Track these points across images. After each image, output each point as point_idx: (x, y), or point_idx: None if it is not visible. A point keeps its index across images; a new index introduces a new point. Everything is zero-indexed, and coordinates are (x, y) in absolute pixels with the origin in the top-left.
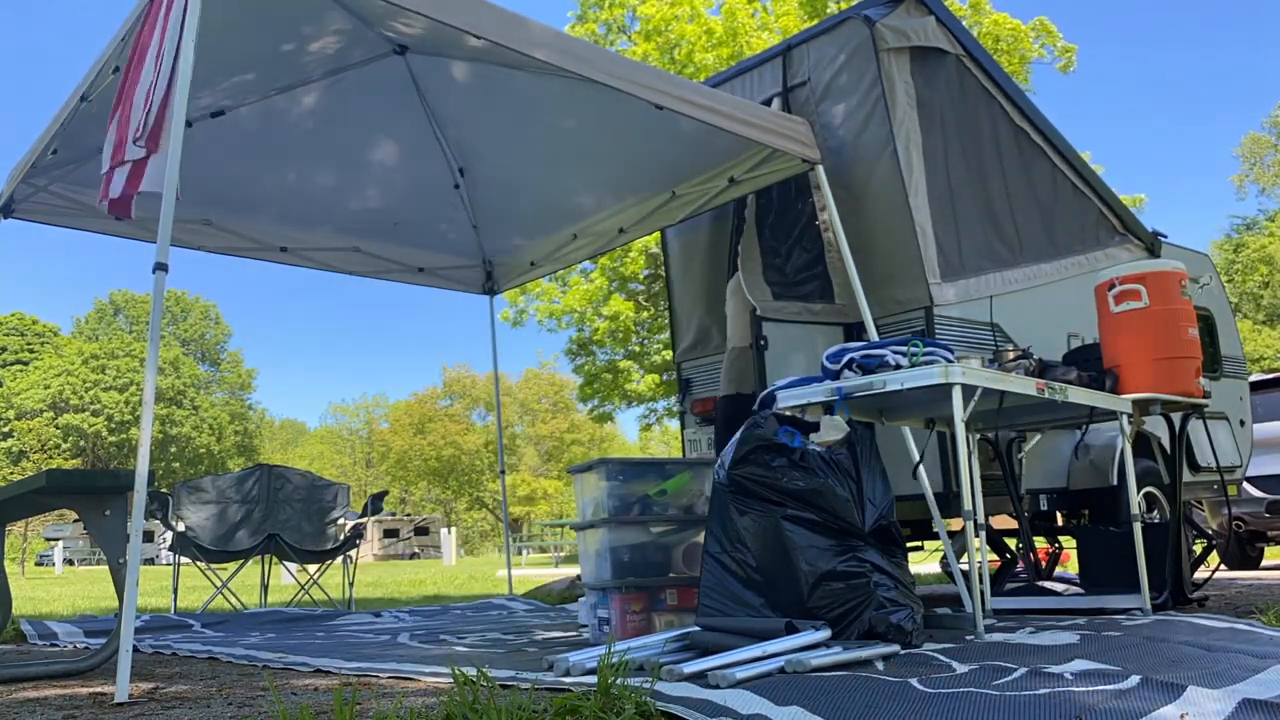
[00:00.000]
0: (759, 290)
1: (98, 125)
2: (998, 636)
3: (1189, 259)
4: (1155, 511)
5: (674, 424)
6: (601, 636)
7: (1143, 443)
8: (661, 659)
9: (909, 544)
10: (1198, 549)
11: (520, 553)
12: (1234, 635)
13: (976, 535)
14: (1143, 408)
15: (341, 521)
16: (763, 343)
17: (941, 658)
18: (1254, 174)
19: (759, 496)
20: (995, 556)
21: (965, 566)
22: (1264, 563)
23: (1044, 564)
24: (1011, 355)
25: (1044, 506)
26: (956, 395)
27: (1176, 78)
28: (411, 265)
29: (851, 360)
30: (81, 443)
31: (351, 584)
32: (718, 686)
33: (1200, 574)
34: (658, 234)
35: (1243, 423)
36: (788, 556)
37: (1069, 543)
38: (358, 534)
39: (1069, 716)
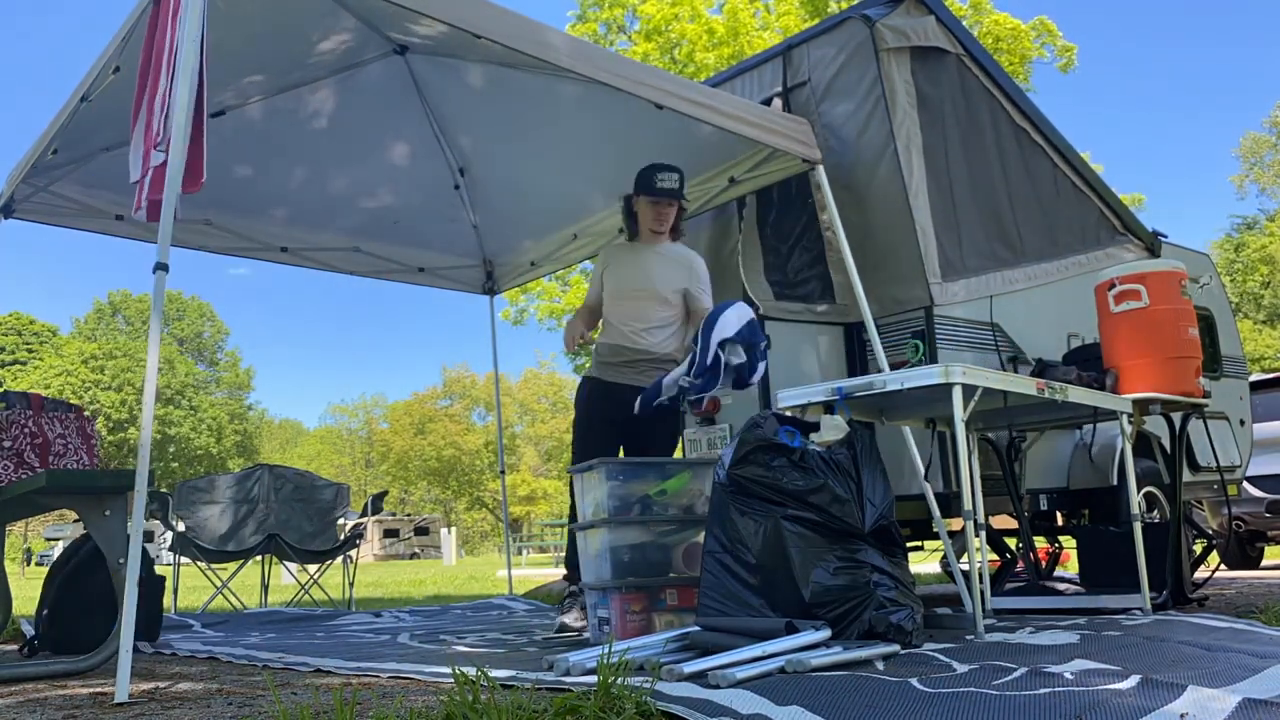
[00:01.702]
0: (761, 289)
1: (98, 125)
2: (998, 636)
3: (1189, 259)
4: (1155, 511)
5: None
6: (601, 637)
7: (1143, 443)
8: (661, 659)
9: (909, 544)
10: (1198, 549)
11: (520, 553)
12: (1234, 635)
13: (976, 535)
14: (1143, 408)
15: (342, 521)
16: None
17: (941, 657)
18: (1254, 174)
19: (759, 496)
20: (995, 556)
21: (965, 566)
22: (1264, 563)
23: (1044, 564)
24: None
25: (1044, 506)
26: (956, 395)
27: (1176, 77)
28: (411, 265)
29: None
30: None
31: (352, 584)
32: (718, 686)
33: (1200, 574)
34: None
35: (1243, 422)
36: (787, 556)
37: (1069, 543)
38: (358, 534)
39: (1069, 716)
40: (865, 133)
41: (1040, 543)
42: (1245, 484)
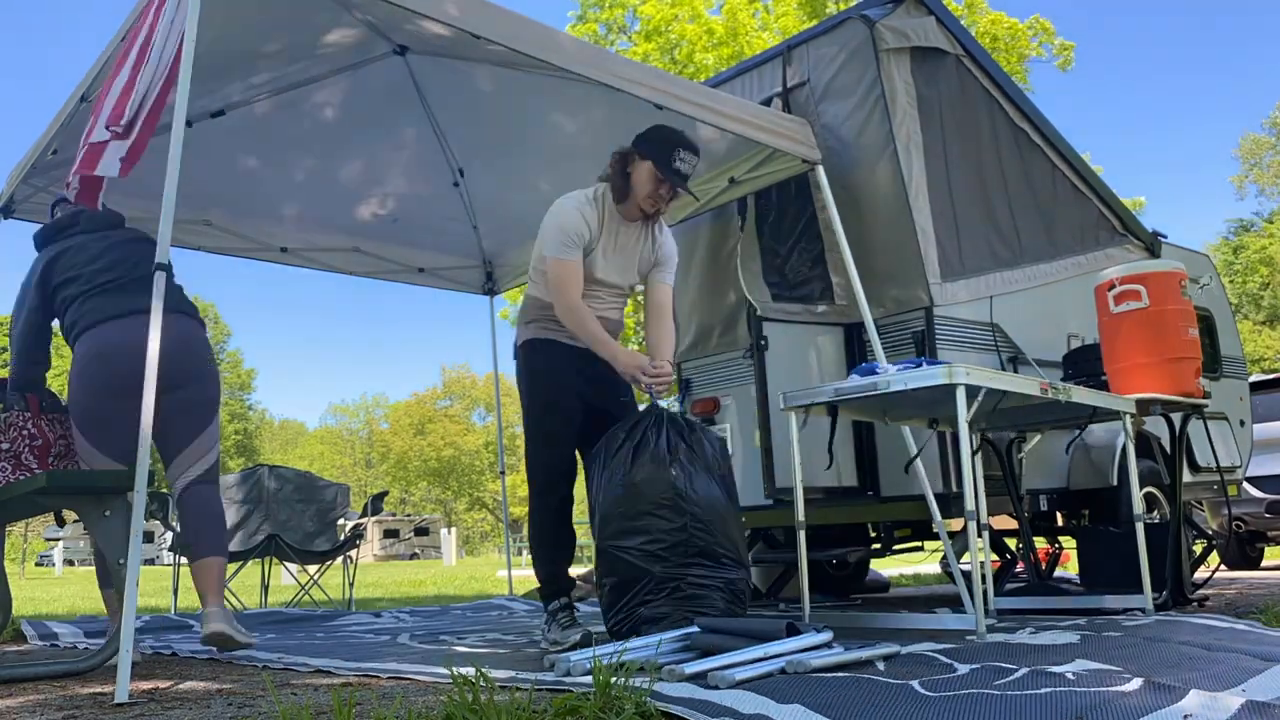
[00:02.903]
0: (759, 291)
1: None
2: (998, 637)
3: (1189, 259)
4: (1155, 511)
5: None
6: None
7: (1143, 443)
8: (661, 659)
9: (909, 544)
10: (1198, 549)
11: (520, 553)
12: (1235, 636)
13: (979, 535)
14: (1143, 408)
15: (342, 522)
16: (763, 343)
17: (942, 658)
18: (1253, 175)
19: None
20: (995, 557)
21: (965, 566)
22: (1264, 563)
23: (1044, 564)
24: None
25: (1044, 506)
26: (960, 396)
27: (1176, 77)
28: (411, 265)
29: None
30: None
31: (352, 584)
32: (717, 687)
33: (1200, 574)
34: None
35: (1243, 423)
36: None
37: (1069, 543)
38: (358, 534)
39: (1070, 716)
40: (865, 133)
41: (1040, 543)
42: (1245, 484)
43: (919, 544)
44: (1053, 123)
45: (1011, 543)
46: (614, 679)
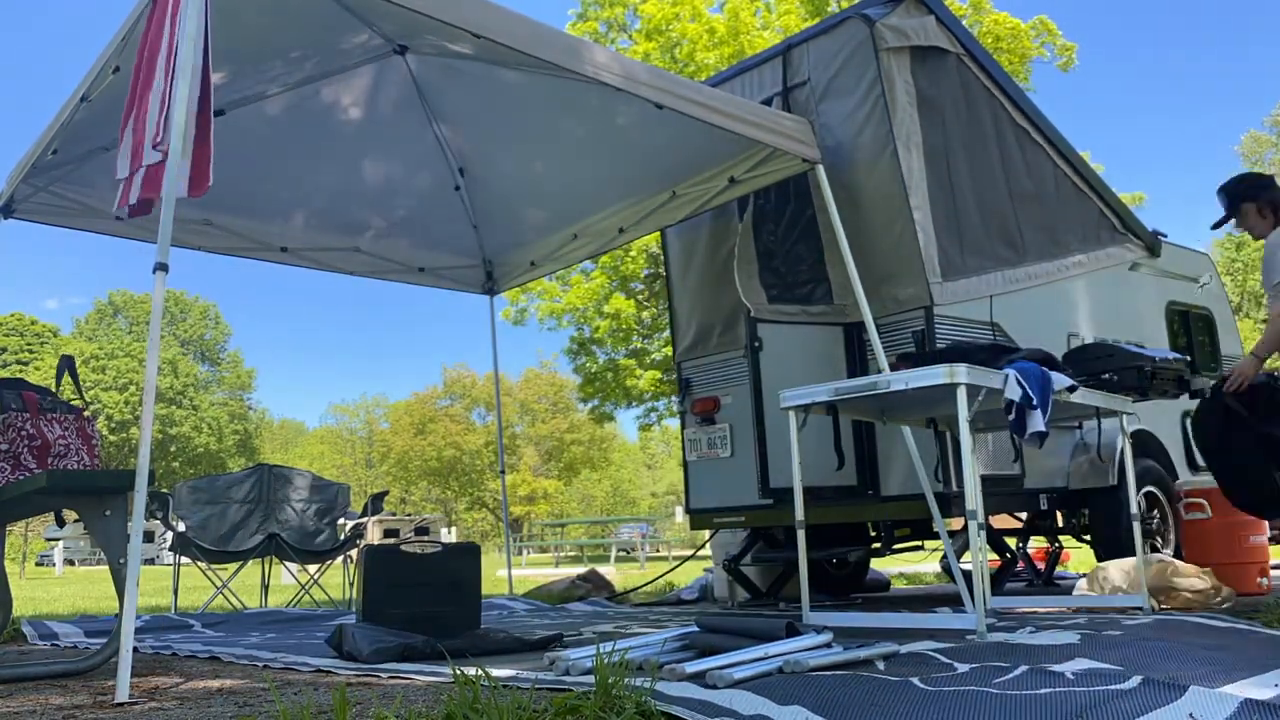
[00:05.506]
0: (754, 292)
1: (98, 125)
2: (998, 636)
3: (1189, 258)
4: (1155, 511)
5: (674, 424)
6: None
7: (1143, 442)
8: (661, 659)
9: (909, 543)
10: None
11: (520, 553)
12: (1235, 636)
13: (979, 535)
14: None
15: (342, 521)
16: (758, 344)
17: (942, 657)
18: None
19: None
20: (995, 556)
21: (966, 566)
22: None
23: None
24: None
25: (1044, 506)
26: (961, 395)
27: (1177, 76)
28: (411, 265)
29: None
30: None
31: (352, 584)
32: (715, 687)
33: None
34: (658, 234)
35: None
36: None
37: (1069, 543)
38: (358, 534)
39: (1070, 715)
40: (865, 132)
41: (1039, 542)
42: None
43: (919, 543)
44: (1053, 121)
45: (1011, 542)
46: (614, 678)
